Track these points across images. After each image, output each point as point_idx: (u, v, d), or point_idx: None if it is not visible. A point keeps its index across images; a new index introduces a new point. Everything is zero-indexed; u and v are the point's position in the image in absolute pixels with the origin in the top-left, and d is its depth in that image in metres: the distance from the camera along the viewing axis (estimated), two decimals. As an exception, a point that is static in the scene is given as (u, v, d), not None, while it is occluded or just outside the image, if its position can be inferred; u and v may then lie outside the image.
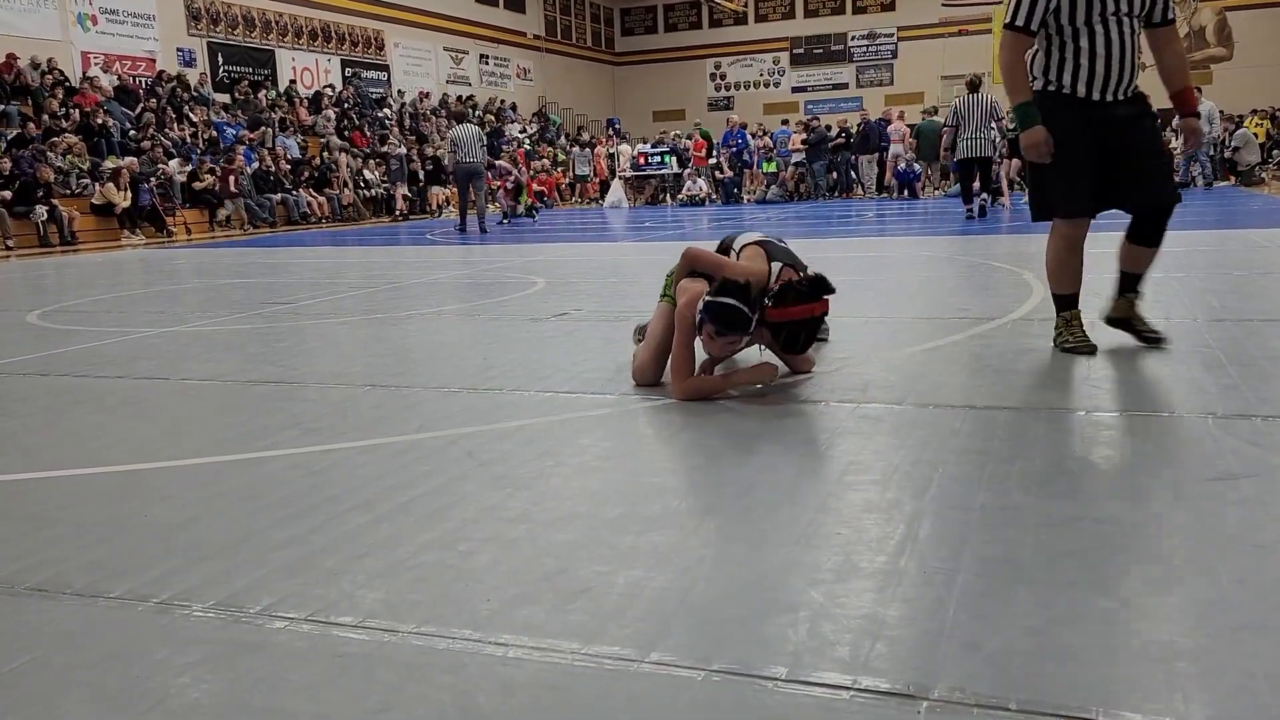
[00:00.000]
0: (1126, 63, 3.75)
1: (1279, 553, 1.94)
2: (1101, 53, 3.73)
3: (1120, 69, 3.74)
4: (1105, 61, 3.73)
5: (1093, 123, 3.76)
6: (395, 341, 4.98)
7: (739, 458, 2.74)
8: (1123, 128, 3.75)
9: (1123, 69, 3.75)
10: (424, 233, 15.22)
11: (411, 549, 2.15)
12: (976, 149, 11.99)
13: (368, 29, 23.49)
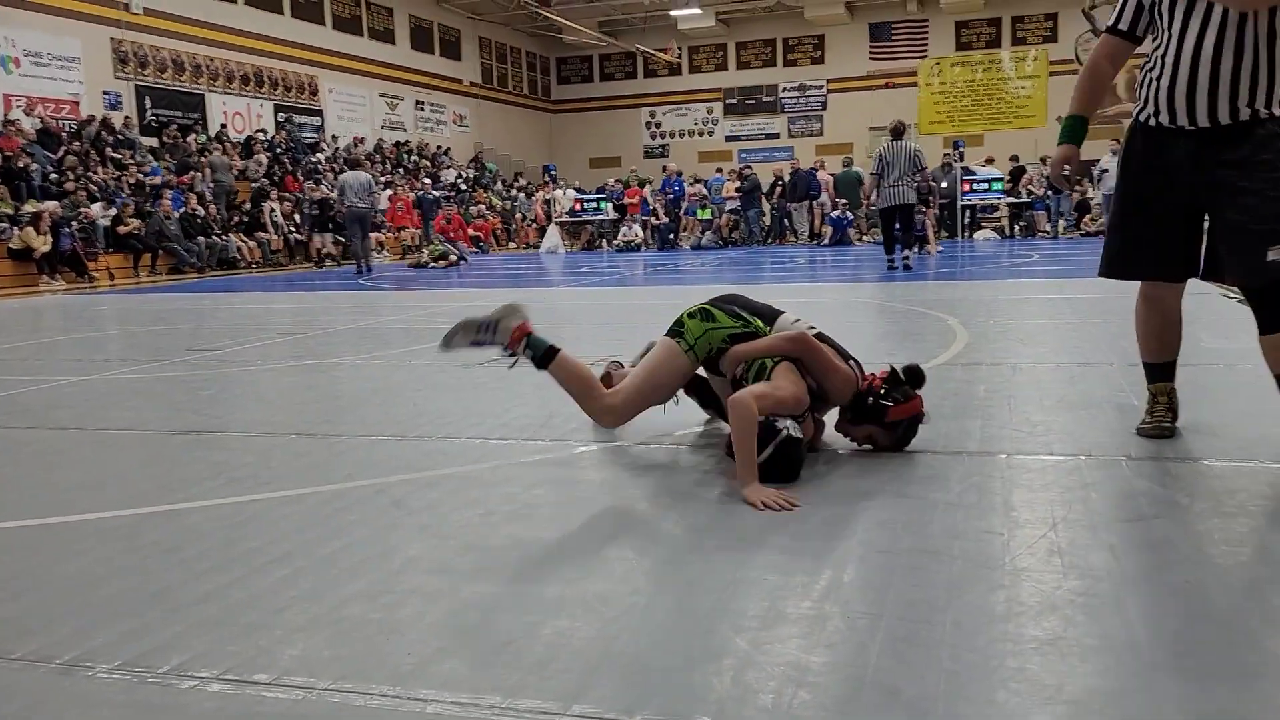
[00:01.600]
0: (1222, 73, 2.84)
1: (1187, 594, 2.00)
2: (1187, 59, 2.90)
3: (1210, 81, 2.86)
4: (1187, 69, 2.91)
5: (1165, 160, 3.02)
6: (323, 389, 4.90)
7: (670, 505, 2.74)
8: (1211, 170, 2.92)
9: (1214, 82, 2.86)
10: (356, 278, 15.07)
11: (333, 602, 2.10)
12: (898, 197, 11.74)
13: (301, 74, 23.36)
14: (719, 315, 3.20)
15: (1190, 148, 2.95)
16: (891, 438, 3.12)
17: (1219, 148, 2.89)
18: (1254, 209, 2.82)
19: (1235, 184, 2.86)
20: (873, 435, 3.13)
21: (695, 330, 3.17)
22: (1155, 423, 3.27)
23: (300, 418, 4.15)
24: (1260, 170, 2.82)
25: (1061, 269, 11.54)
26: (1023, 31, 29.01)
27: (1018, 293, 8.60)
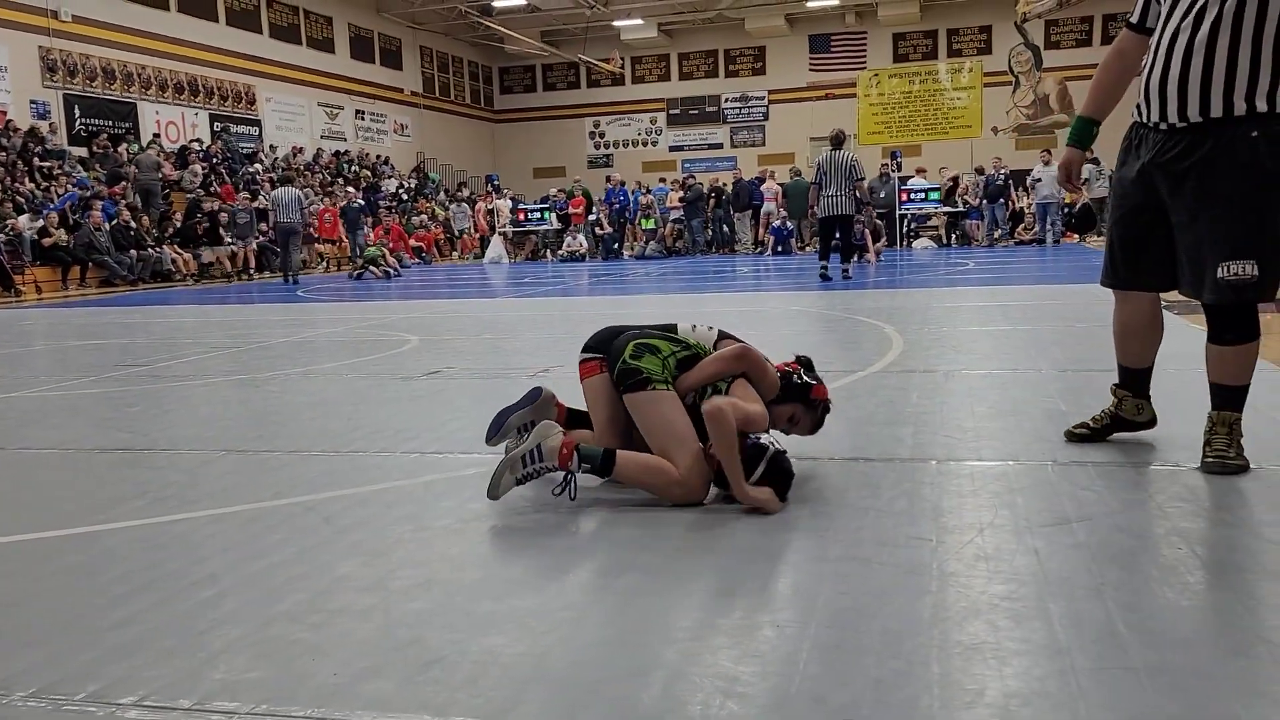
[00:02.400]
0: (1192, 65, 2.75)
1: (1108, 595, 2.04)
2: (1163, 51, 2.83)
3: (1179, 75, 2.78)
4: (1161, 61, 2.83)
5: (1141, 159, 2.94)
6: (256, 404, 4.81)
7: (603, 520, 2.74)
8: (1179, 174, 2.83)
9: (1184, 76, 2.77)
10: (295, 290, 14.85)
11: (257, 623, 2.06)
12: (837, 207, 11.72)
13: (238, 83, 23.00)
14: (660, 344, 2.98)
15: (1160, 147, 2.88)
16: (812, 418, 3.10)
17: (1186, 150, 2.81)
18: (1211, 222, 2.78)
19: (1197, 191, 2.80)
20: (794, 415, 3.08)
21: (657, 368, 2.90)
22: (1083, 425, 3.33)
23: (230, 434, 4.07)
24: (1220, 179, 2.76)
25: (995, 277, 11.77)
26: (958, 44, 29.62)
27: (953, 301, 8.75)
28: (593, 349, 3.12)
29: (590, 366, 3.11)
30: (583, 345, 3.16)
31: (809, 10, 29.14)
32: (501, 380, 5.18)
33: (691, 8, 29.09)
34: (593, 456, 2.80)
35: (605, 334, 3.15)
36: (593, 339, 3.16)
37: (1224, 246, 2.76)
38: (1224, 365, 2.92)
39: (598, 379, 3.08)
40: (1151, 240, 2.98)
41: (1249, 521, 2.49)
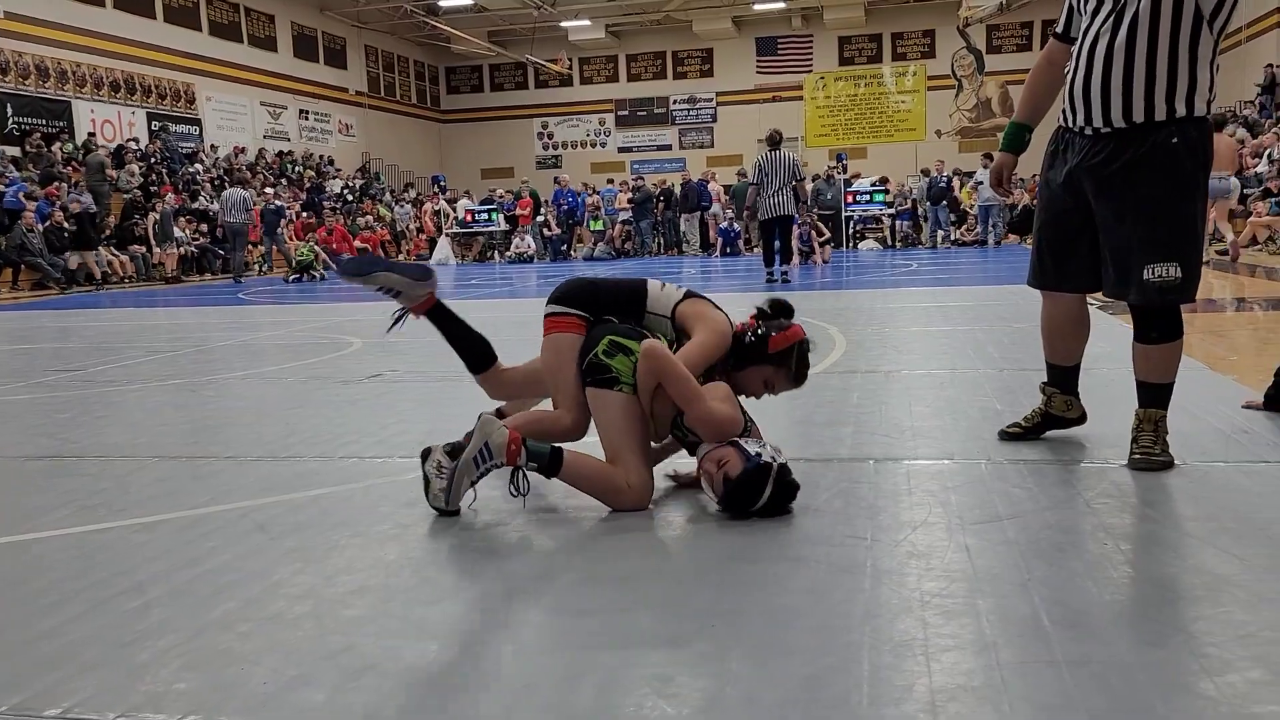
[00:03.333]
0: (1113, 71, 2.80)
1: (1035, 591, 2.08)
2: (1085, 57, 2.89)
3: (1101, 80, 2.83)
4: (1083, 67, 2.90)
5: (1068, 163, 2.99)
6: (192, 409, 4.73)
7: (542, 524, 2.73)
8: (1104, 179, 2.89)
9: (1106, 81, 2.82)
10: (235, 293, 14.61)
11: (185, 634, 2.02)
12: (779, 208, 11.50)
13: (177, 81, 22.54)
14: (634, 346, 2.77)
15: (1086, 152, 2.93)
16: (787, 374, 2.88)
17: (1111, 155, 2.86)
18: (1135, 225, 2.84)
19: (1120, 196, 2.86)
20: (768, 379, 2.88)
21: (627, 370, 2.74)
22: (1016, 424, 3.39)
23: (164, 440, 3.99)
24: (1143, 184, 2.81)
25: (937, 278, 11.96)
26: (903, 47, 30.02)
27: (895, 301, 8.87)
28: (568, 303, 2.92)
29: (566, 322, 2.88)
30: (552, 296, 2.97)
31: (756, 13, 29.34)
32: (445, 384, 5.14)
33: (639, 9, 29.13)
34: (540, 455, 2.69)
35: (579, 290, 2.96)
36: (566, 291, 2.96)
37: (1149, 249, 2.82)
38: (1149, 364, 2.99)
39: (568, 337, 2.86)
40: (1078, 243, 3.05)
41: (1172, 517, 2.56)
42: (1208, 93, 2.80)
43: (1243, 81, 22.90)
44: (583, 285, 2.99)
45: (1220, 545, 2.30)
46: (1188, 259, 2.83)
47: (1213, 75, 2.80)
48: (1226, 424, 3.44)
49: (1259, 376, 3.88)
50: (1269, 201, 14.35)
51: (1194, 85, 2.78)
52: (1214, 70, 2.80)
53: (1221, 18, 2.76)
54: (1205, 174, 2.88)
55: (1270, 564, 2.17)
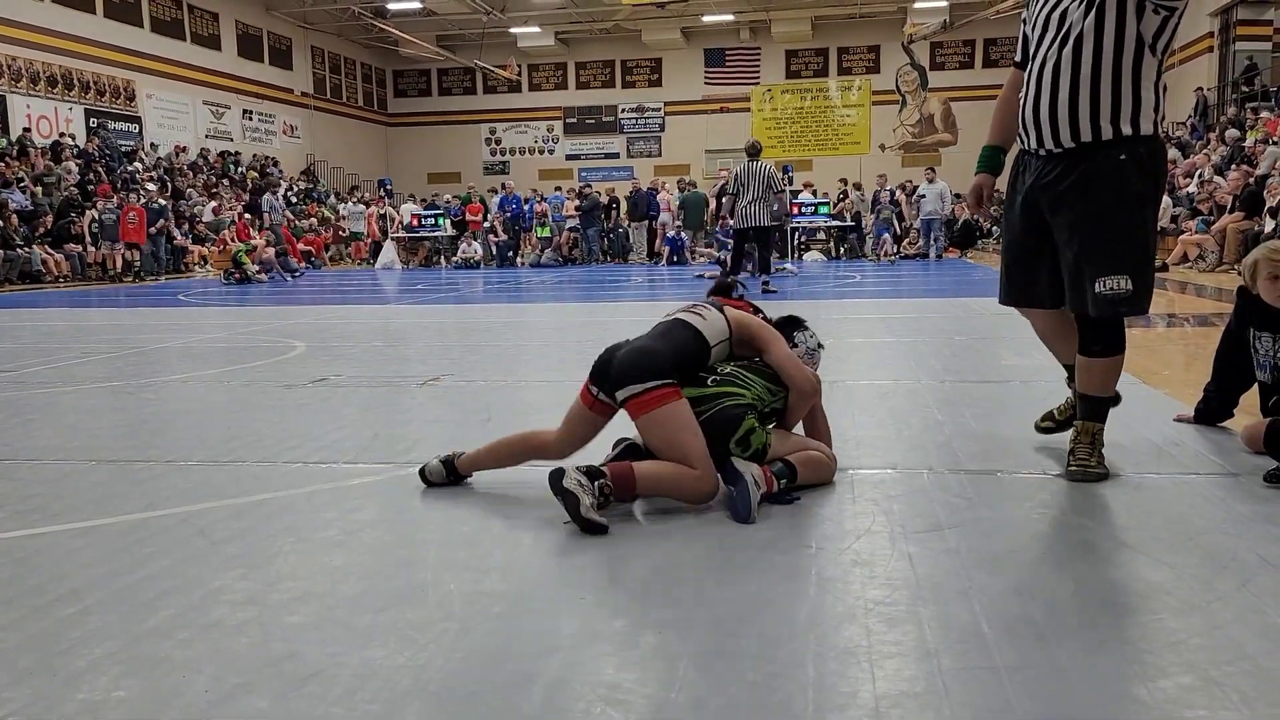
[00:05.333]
0: (1060, 95, 2.90)
1: (975, 599, 2.13)
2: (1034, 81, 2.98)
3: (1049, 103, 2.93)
4: (1034, 91, 2.99)
5: (1026, 183, 3.08)
6: (130, 412, 4.62)
7: (487, 530, 2.72)
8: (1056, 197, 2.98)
9: (1054, 104, 2.91)
10: (176, 293, 14.32)
11: (123, 641, 1.98)
12: (754, 218, 11.57)
13: (116, 78, 22.04)
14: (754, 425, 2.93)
15: (1040, 172, 3.01)
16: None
17: (1062, 174, 2.94)
18: (1085, 240, 2.91)
19: (1072, 212, 2.93)
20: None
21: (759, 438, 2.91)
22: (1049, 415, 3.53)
23: (101, 443, 3.90)
24: (1093, 200, 2.89)
25: (880, 290, 12.13)
26: (848, 62, 30.45)
27: (840, 313, 8.98)
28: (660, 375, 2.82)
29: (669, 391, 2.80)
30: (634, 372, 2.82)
31: (704, 25, 29.55)
32: (390, 389, 5.10)
33: (589, 17, 29.17)
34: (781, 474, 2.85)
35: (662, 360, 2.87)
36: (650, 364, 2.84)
37: (1099, 263, 2.90)
38: (1090, 376, 3.07)
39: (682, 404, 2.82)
40: (1039, 261, 3.11)
41: (1108, 527, 2.63)
42: (1154, 112, 2.89)
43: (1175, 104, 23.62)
44: (659, 354, 2.89)
45: (1153, 554, 2.37)
46: (1138, 272, 2.90)
47: (1159, 95, 2.90)
48: (1159, 437, 3.54)
49: (1190, 391, 4.01)
50: (1198, 220, 14.81)
51: (1138, 105, 2.86)
52: (1160, 90, 2.90)
53: (1163, 40, 2.85)
54: (1157, 190, 2.96)
55: (1200, 573, 2.24)
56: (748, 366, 3.10)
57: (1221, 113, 20.92)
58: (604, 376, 2.91)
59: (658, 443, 2.81)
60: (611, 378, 2.87)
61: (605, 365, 2.92)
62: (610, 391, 2.89)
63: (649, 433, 2.83)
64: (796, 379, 3.09)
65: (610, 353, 2.95)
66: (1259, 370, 3.43)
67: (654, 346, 2.93)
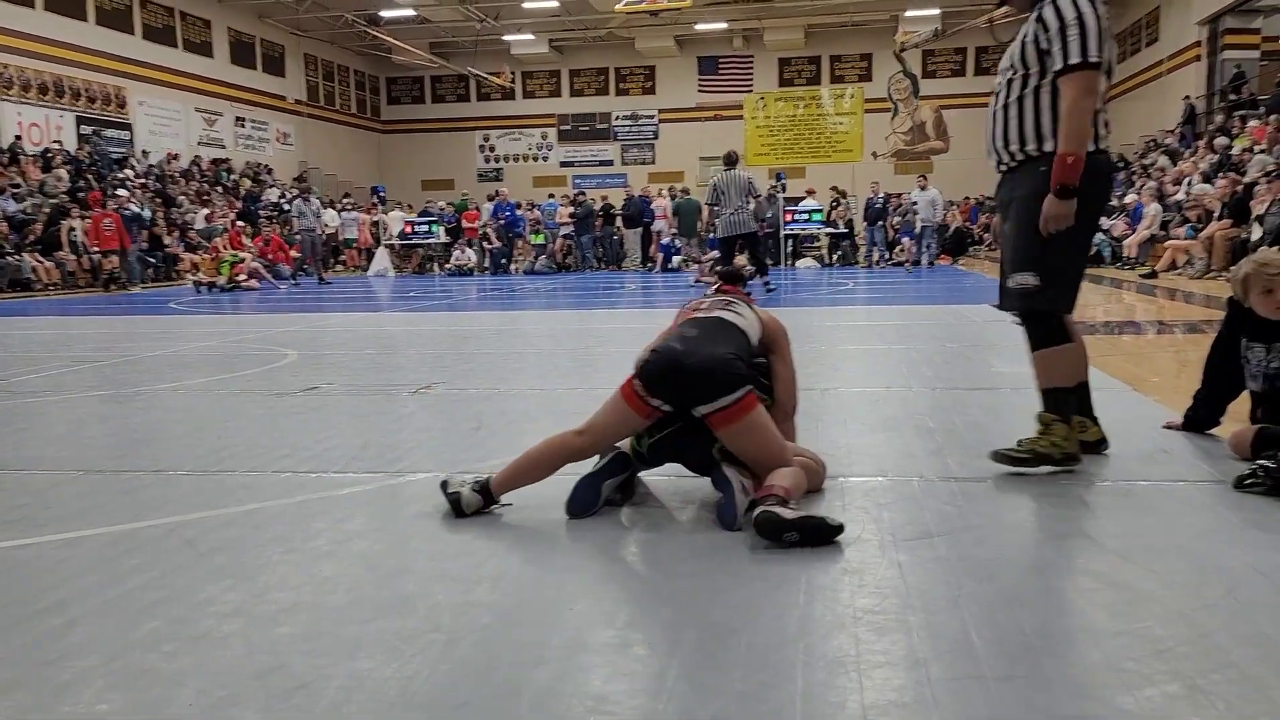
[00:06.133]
0: (997, 120, 3.26)
1: (964, 607, 2.13)
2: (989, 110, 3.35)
3: (992, 128, 3.30)
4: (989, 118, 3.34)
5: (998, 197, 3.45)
6: (119, 421, 4.61)
7: (474, 537, 2.71)
8: (1003, 207, 3.36)
9: (993, 129, 3.29)
10: (167, 301, 14.28)
11: (108, 653, 1.97)
12: (739, 226, 11.92)
13: (108, 85, 22.01)
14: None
15: (998, 186, 3.40)
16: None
17: (1007, 188, 3.32)
18: (1009, 241, 3.28)
19: (1007, 220, 3.31)
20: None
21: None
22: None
23: (89, 453, 3.88)
24: (1019, 208, 3.21)
25: (873, 297, 12.16)
26: (840, 70, 30.55)
27: (832, 320, 9.00)
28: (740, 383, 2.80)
29: (754, 397, 2.81)
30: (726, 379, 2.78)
31: (697, 33, 29.62)
32: (381, 397, 5.09)
33: (582, 25, 29.22)
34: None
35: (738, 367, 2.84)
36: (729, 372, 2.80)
37: (1015, 261, 3.23)
38: (1034, 369, 3.31)
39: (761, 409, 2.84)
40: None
41: (1096, 533, 2.63)
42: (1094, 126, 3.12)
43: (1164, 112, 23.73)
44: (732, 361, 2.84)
45: (1141, 562, 2.37)
46: (1047, 270, 3.15)
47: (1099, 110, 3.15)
48: (1148, 444, 3.55)
49: (1179, 397, 4.01)
50: (1186, 227, 14.87)
51: (1055, 125, 3.12)
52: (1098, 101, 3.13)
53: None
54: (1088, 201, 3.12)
55: (1187, 580, 2.25)
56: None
57: (1210, 120, 21.02)
58: (667, 386, 2.79)
59: (745, 448, 2.79)
60: (687, 391, 2.77)
61: (668, 374, 2.78)
62: (681, 403, 2.79)
63: (734, 441, 2.79)
64: (790, 390, 3.17)
65: (669, 359, 2.80)
66: (1250, 380, 3.45)
67: (724, 353, 2.83)
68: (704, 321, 3.06)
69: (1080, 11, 3.04)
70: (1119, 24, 27.84)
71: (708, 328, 3.01)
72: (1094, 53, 3.03)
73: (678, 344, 2.88)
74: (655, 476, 3.19)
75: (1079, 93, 3.03)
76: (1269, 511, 2.73)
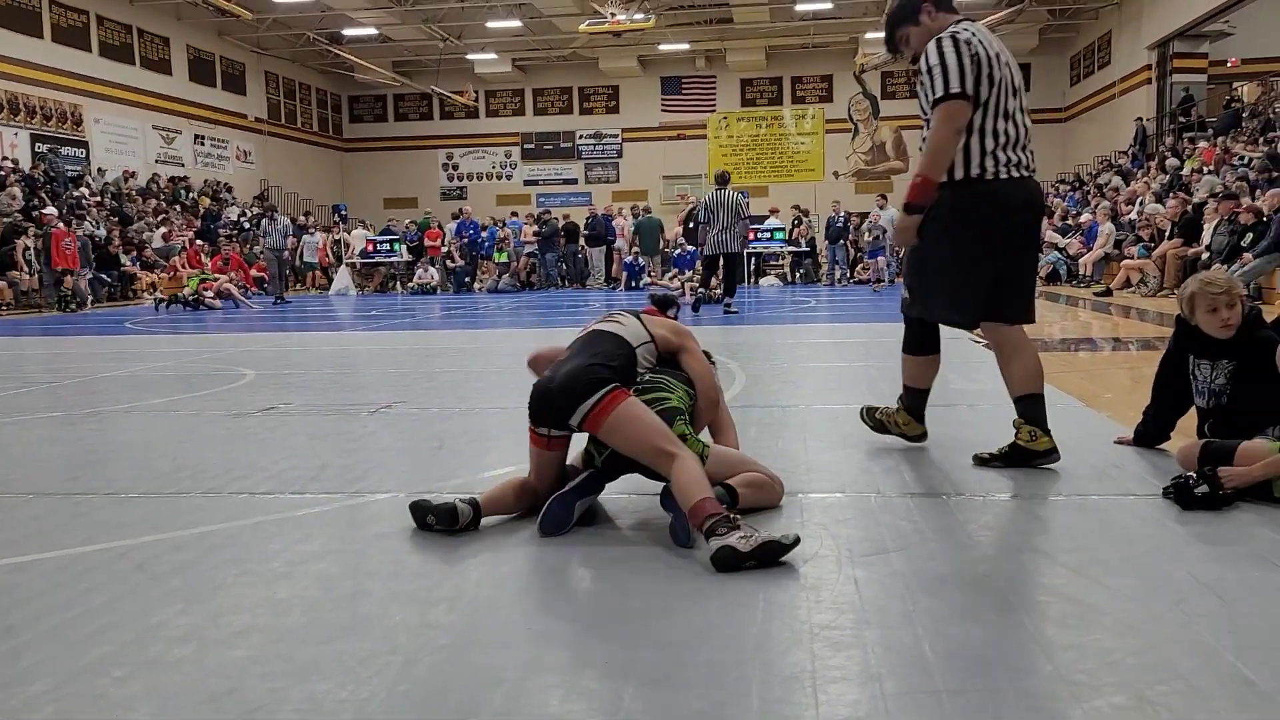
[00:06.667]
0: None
1: (918, 622, 2.15)
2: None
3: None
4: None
5: None
6: (71, 443, 4.53)
7: (433, 558, 2.70)
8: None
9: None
10: (123, 320, 14.08)
11: (58, 678, 1.94)
12: (727, 245, 12.17)
13: (64, 103, 21.72)
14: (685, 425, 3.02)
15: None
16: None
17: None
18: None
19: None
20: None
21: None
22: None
23: (40, 476, 3.81)
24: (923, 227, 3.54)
25: (835, 314, 12.27)
26: (802, 91, 30.87)
27: (794, 337, 9.07)
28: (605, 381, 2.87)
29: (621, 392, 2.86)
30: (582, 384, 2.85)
31: (660, 53, 29.80)
32: (340, 417, 5.05)
33: (546, 45, 29.31)
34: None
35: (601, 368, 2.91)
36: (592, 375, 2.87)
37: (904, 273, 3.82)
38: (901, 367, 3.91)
39: (633, 400, 2.87)
40: None
41: (1047, 547, 2.68)
42: (977, 158, 3.42)
43: (1117, 133, 24.24)
44: (593, 367, 2.92)
45: (1091, 575, 2.41)
46: (915, 285, 3.70)
47: (985, 141, 3.41)
48: (1099, 459, 3.61)
49: (1130, 413, 4.09)
50: (1139, 246, 15.17)
51: (963, 153, 3.43)
52: (988, 136, 3.41)
53: (980, 97, 3.38)
54: (965, 222, 3.44)
55: (1136, 592, 2.29)
56: (667, 372, 3.19)
57: (1160, 142, 21.50)
58: (547, 413, 2.91)
59: (625, 443, 2.84)
60: (557, 409, 2.88)
61: (544, 403, 2.91)
62: (561, 423, 2.89)
63: (615, 438, 2.85)
64: (707, 382, 3.23)
65: (543, 391, 2.92)
66: (1198, 396, 3.52)
67: (584, 362, 2.94)
68: (578, 341, 3.14)
69: (942, 53, 3.39)
70: (1073, 47, 28.47)
71: (580, 345, 3.09)
72: (954, 86, 3.34)
73: (549, 373, 2.98)
74: (610, 497, 3.20)
75: (939, 121, 3.36)
76: (1214, 525, 2.79)
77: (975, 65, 3.36)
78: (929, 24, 3.56)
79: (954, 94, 3.34)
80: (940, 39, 3.43)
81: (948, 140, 3.36)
